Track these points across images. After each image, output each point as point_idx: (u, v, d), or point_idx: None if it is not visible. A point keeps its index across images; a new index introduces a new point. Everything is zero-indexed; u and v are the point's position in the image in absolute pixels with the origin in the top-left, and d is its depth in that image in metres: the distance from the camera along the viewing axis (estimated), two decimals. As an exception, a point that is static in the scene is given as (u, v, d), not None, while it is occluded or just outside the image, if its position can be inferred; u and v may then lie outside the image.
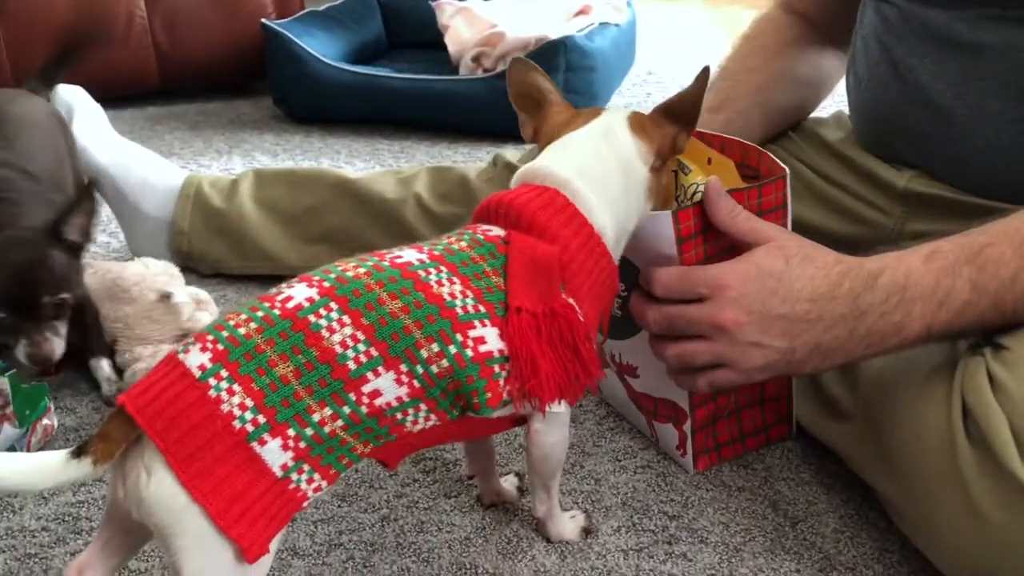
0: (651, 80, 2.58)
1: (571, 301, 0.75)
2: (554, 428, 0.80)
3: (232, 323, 0.66)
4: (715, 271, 0.81)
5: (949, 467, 0.75)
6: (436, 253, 0.73)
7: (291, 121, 2.25)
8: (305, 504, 0.67)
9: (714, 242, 0.86)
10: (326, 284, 0.69)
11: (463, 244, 0.75)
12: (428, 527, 0.90)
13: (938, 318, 0.77)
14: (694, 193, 0.96)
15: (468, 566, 0.86)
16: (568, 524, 0.89)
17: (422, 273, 0.71)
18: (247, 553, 0.63)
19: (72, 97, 1.43)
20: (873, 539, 0.89)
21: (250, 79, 2.46)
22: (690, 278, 0.82)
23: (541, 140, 0.85)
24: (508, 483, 0.94)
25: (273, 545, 0.66)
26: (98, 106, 1.46)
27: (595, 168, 0.80)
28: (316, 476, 0.66)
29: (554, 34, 2.06)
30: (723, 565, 0.86)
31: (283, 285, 0.70)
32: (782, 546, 0.88)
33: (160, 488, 0.62)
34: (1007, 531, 0.72)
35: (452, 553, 0.87)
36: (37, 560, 0.87)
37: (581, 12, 2.30)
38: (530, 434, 0.80)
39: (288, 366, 0.65)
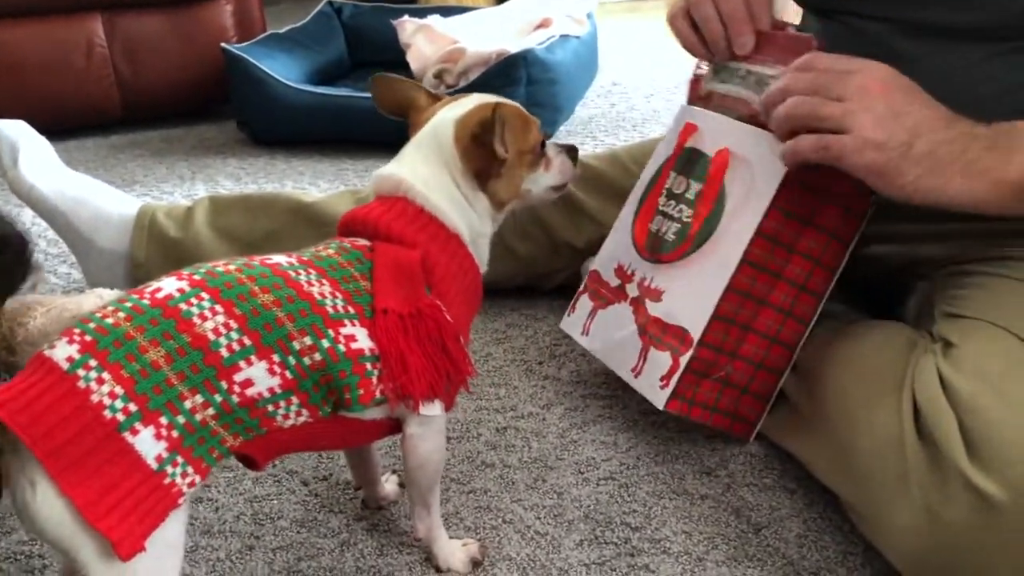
0: (615, 91, 2.58)
1: (438, 303, 0.77)
2: (429, 433, 0.80)
3: (99, 315, 0.66)
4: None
5: (900, 465, 0.75)
6: (305, 258, 0.76)
7: (255, 144, 2.24)
8: (180, 500, 0.65)
9: None
10: (196, 277, 0.70)
11: (331, 251, 0.78)
12: (388, 550, 0.89)
13: None
14: None
15: (428, 588, 0.85)
16: (457, 553, 0.86)
17: (292, 273, 0.73)
18: (118, 547, 0.61)
19: (15, 132, 1.36)
20: (836, 543, 0.88)
21: (213, 103, 2.46)
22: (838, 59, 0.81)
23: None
24: (390, 483, 0.96)
25: (176, 543, 0.66)
26: (44, 139, 1.40)
27: (427, 173, 0.82)
28: (190, 470, 0.66)
29: (514, 48, 2.07)
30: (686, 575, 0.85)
31: (151, 281, 0.70)
32: (745, 553, 0.88)
33: (46, 501, 0.61)
34: (957, 529, 0.72)
35: (412, 575, 0.86)
36: (-12, 601, 0.85)
37: (541, 25, 2.32)
38: (406, 440, 0.80)
39: (159, 351, 0.65)
